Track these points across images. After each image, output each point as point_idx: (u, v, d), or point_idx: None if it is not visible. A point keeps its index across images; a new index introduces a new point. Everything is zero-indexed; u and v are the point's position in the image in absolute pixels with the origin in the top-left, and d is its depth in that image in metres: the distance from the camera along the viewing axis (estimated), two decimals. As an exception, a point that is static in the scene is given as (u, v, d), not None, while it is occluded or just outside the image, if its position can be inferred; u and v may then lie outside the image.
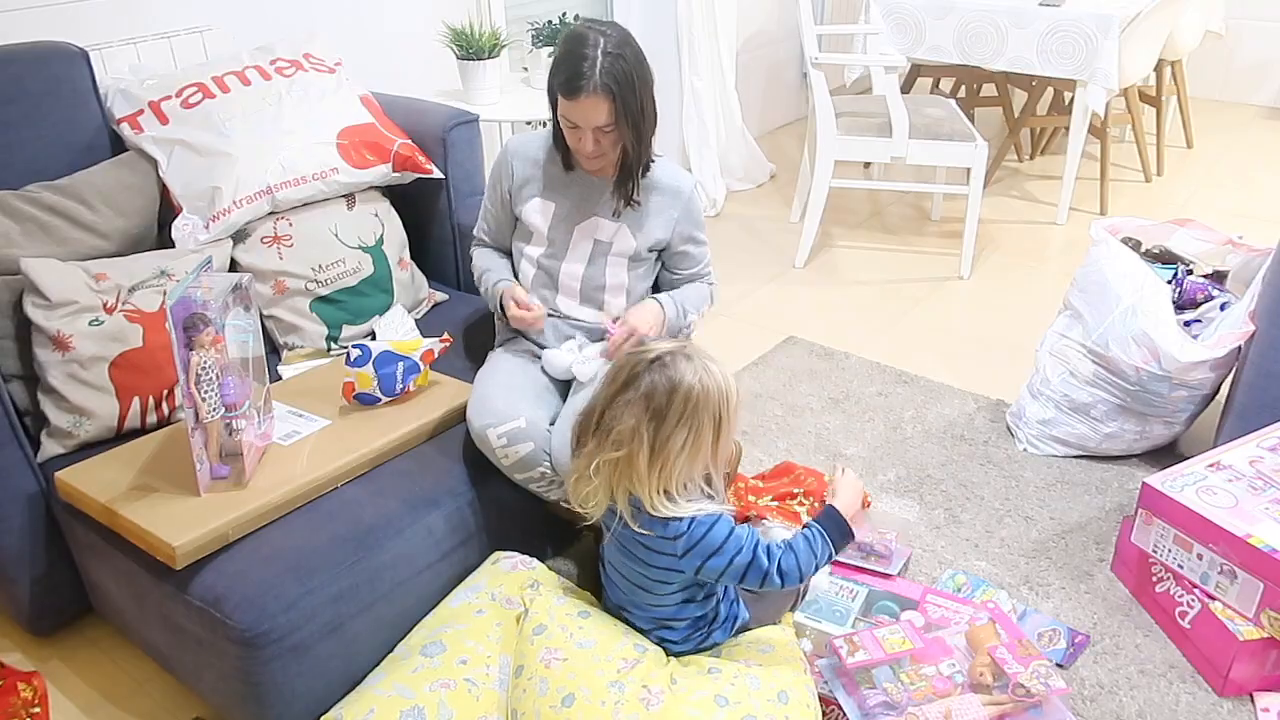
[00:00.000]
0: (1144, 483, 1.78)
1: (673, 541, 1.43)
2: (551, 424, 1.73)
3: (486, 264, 1.93)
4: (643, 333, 1.76)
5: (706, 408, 1.40)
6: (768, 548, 1.47)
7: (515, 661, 1.53)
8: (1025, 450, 2.31)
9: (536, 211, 1.84)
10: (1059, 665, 1.71)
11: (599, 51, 1.62)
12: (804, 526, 1.56)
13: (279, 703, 1.46)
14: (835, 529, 1.53)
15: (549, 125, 1.81)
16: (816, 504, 1.98)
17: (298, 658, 1.44)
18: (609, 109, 1.65)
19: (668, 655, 1.56)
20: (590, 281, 1.84)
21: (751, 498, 2.04)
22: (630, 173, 1.77)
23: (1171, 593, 1.77)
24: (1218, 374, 2.10)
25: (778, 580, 1.47)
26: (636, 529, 1.44)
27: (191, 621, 1.46)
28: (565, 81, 1.64)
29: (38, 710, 1.67)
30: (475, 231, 2.00)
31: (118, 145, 1.97)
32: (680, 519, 1.42)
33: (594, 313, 1.88)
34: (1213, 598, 1.68)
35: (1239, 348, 2.04)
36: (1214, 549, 1.66)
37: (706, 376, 1.40)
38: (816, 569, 1.51)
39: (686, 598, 1.53)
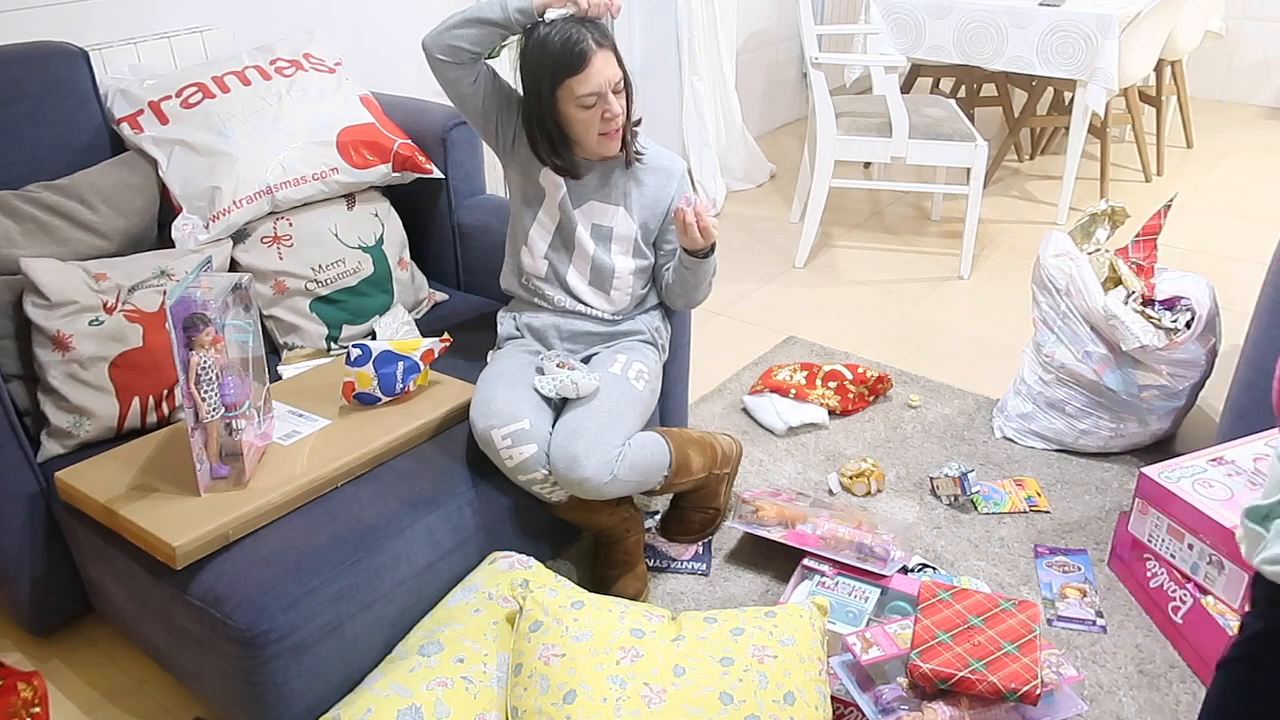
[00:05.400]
0: (1141, 472, 1.80)
1: None
2: (552, 428, 1.72)
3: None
4: (703, 213, 1.72)
5: None
6: None
7: (513, 660, 1.53)
8: (1000, 437, 2.37)
9: (550, 180, 1.82)
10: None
11: (566, 25, 1.64)
12: None
13: (279, 703, 1.46)
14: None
15: None
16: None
17: (298, 658, 1.45)
18: (615, 58, 1.68)
19: (679, 628, 1.55)
20: (599, 261, 1.83)
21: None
22: (626, 131, 1.78)
23: (1165, 588, 1.77)
24: (1189, 372, 2.15)
25: None
26: None
27: (191, 621, 1.46)
28: (570, 60, 1.64)
29: (38, 710, 1.67)
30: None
31: (118, 145, 1.97)
32: None
33: (599, 298, 1.87)
34: (1205, 591, 1.69)
35: (1205, 353, 2.13)
36: (1204, 539, 1.68)
37: None
38: None
39: None
